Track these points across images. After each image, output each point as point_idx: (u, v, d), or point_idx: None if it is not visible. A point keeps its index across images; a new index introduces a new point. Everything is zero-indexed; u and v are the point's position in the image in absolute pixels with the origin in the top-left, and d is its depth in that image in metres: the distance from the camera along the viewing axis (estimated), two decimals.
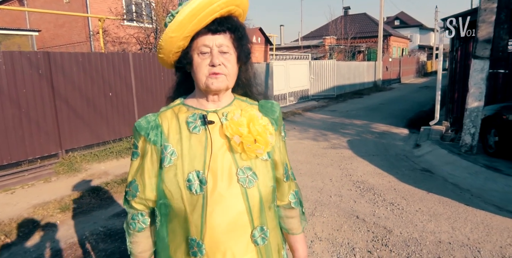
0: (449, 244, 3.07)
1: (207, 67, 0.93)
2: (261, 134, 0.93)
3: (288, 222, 1.13)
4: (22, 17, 19.18)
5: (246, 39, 0.99)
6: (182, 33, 0.90)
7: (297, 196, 1.14)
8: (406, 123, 9.24)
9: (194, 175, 0.92)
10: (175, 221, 0.95)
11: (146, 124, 0.98)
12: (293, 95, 14.03)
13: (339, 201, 4.04)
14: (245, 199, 0.93)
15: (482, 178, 4.69)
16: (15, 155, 5.03)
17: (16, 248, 3.09)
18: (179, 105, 1.03)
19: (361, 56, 26.68)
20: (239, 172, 0.94)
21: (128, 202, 1.03)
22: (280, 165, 1.05)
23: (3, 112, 4.91)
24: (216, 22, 0.93)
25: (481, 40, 5.36)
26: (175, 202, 0.92)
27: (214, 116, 0.98)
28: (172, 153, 0.94)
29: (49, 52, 5.59)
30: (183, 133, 0.96)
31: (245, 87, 1.09)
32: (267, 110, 1.04)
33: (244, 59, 1.00)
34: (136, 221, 1.03)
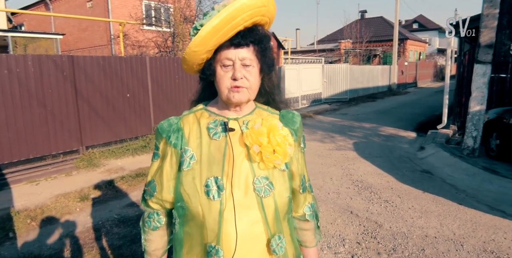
0: (434, 238, 3.28)
1: (229, 80, 0.94)
2: (280, 145, 0.94)
3: (302, 234, 1.13)
4: (47, 21, 20.11)
5: (269, 50, 0.99)
6: (205, 47, 0.91)
7: (313, 208, 1.14)
8: (415, 127, 9.34)
9: (212, 180, 0.93)
10: (192, 224, 0.96)
11: (168, 127, 1.00)
12: (306, 99, 14.25)
13: (336, 198, 4.29)
14: (261, 208, 0.93)
15: (479, 179, 4.83)
16: (40, 150, 5.49)
17: (40, 231, 3.48)
18: (202, 111, 1.04)
19: (376, 60, 26.64)
20: (255, 181, 0.94)
21: (145, 200, 1.05)
22: (297, 176, 1.05)
23: (31, 110, 5.37)
24: (240, 36, 0.92)
25: (483, 45, 5.50)
26: (193, 205, 0.93)
27: (235, 124, 0.99)
28: (192, 157, 0.96)
29: (73, 56, 6.05)
30: (204, 138, 0.97)
31: (267, 95, 1.09)
32: (287, 120, 1.05)
33: (267, 70, 1.00)
34: (151, 220, 1.05)
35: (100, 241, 3.20)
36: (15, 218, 3.71)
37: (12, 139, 5.18)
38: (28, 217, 3.75)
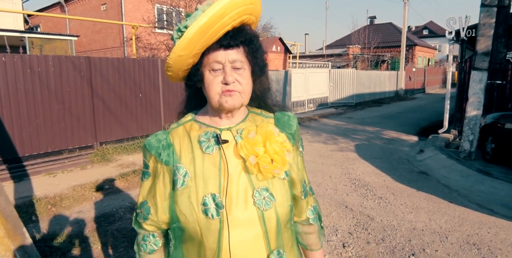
0: (422, 231, 3.53)
1: (220, 85, 0.87)
2: (278, 153, 0.89)
3: (306, 238, 1.09)
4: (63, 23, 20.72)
5: (261, 51, 0.93)
6: (192, 51, 0.84)
7: (316, 211, 1.09)
8: (418, 131, 9.54)
9: (209, 198, 0.87)
10: (189, 245, 0.91)
11: (157, 143, 0.93)
12: (312, 102, 14.52)
13: (333, 194, 4.55)
14: (262, 223, 0.89)
15: (472, 180, 5.06)
16: (58, 144, 5.86)
17: (59, 215, 3.82)
18: (191, 122, 0.98)
19: (385, 65, 26.80)
20: (255, 194, 0.89)
21: (139, 223, 0.98)
22: (298, 182, 1.00)
23: (50, 107, 5.75)
24: (229, 36, 0.86)
25: (479, 53, 5.74)
26: (190, 225, 0.88)
27: (228, 134, 0.93)
28: (185, 174, 0.90)
29: (90, 57, 6.43)
30: (196, 152, 0.91)
31: (259, 99, 1.03)
32: (283, 124, 0.99)
33: (258, 73, 0.94)
34: (147, 243, 0.98)
35: (114, 225, 3.52)
36: (37, 204, 4.05)
37: (32, 133, 5.56)
38: (49, 203, 4.10)
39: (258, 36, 0.95)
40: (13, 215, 2.44)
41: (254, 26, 0.96)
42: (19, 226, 2.46)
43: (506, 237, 3.39)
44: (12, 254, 2.37)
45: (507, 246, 3.22)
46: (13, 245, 2.37)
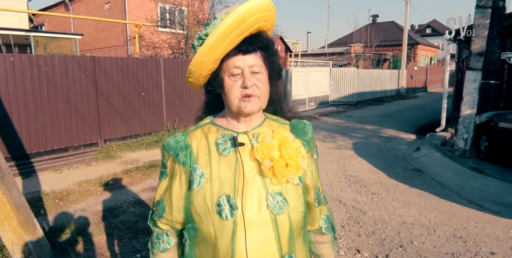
0: (411, 224, 3.70)
1: (239, 89, 0.91)
2: (293, 158, 0.90)
3: (319, 248, 1.10)
4: (67, 21, 20.93)
5: (277, 56, 0.98)
6: (212, 57, 0.89)
7: (329, 220, 1.10)
8: (416, 129, 9.67)
9: (224, 199, 0.89)
10: (203, 246, 0.93)
11: (175, 144, 0.96)
12: (313, 101, 14.66)
13: (328, 189, 4.72)
14: (275, 226, 0.90)
15: (465, 177, 5.21)
16: (64, 141, 6.06)
17: (66, 209, 4.01)
18: (209, 125, 1.01)
19: (387, 64, 26.86)
20: (269, 198, 0.90)
21: (154, 221, 1.02)
22: (311, 189, 1.02)
23: (56, 105, 5.95)
24: (247, 42, 0.91)
25: (474, 53, 5.88)
26: (204, 226, 0.90)
27: (244, 137, 0.96)
28: (202, 175, 0.92)
29: (94, 57, 6.61)
30: (213, 154, 0.94)
31: (275, 104, 1.05)
32: (299, 131, 1.01)
33: (276, 76, 0.98)
34: (161, 241, 1.01)
35: (118, 218, 3.71)
36: (45, 198, 4.25)
37: (39, 130, 5.76)
38: (56, 198, 4.29)
39: (274, 42, 0.98)
40: (25, 206, 2.63)
41: (270, 32, 0.99)
42: (30, 217, 2.65)
43: (492, 231, 3.54)
44: (24, 243, 2.56)
45: (492, 239, 3.37)
46: (26, 234, 2.56)
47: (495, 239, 3.38)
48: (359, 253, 3.12)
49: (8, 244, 2.51)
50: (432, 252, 3.12)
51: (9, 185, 2.54)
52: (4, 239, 2.51)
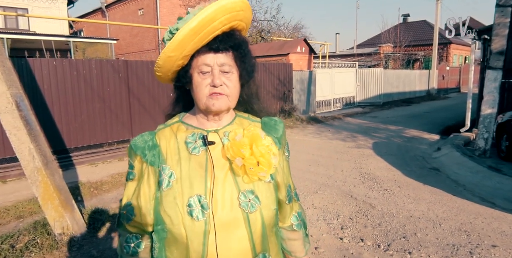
0: (418, 218, 3.84)
1: (208, 87, 0.90)
2: (264, 156, 0.90)
3: (290, 245, 1.10)
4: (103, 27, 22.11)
5: (249, 56, 0.96)
6: (181, 52, 0.87)
7: (300, 217, 1.10)
8: (441, 130, 9.57)
9: (195, 199, 0.88)
10: (174, 247, 0.90)
11: (143, 144, 0.94)
12: (339, 102, 14.73)
13: (342, 185, 4.92)
14: (247, 225, 0.90)
15: (481, 176, 5.23)
16: (99, 138, 6.62)
17: (101, 197, 4.48)
18: (178, 123, 0.99)
19: (417, 64, 26.27)
20: (240, 196, 0.90)
21: (122, 225, 0.98)
22: (282, 186, 1.01)
23: (93, 105, 6.52)
24: (218, 40, 0.89)
25: (494, 52, 5.86)
26: (175, 228, 0.87)
27: (214, 136, 0.94)
28: (171, 175, 0.90)
29: (127, 61, 7.16)
30: (182, 153, 0.92)
31: (245, 104, 1.05)
32: (270, 128, 1.01)
33: (246, 77, 0.97)
34: (130, 244, 0.98)
35: None
36: (81, 187, 4.74)
37: (78, 128, 6.34)
38: (91, 187, 4.78)
39: (247, 42, 0.98)
40: (65, 189, 3.07)
41: (245, 32, 0.98)
42: (69, 198, 3.09)
43: (498, 226, 3.63)
44: (64, 220, 2.99)
45: (496, 233, 3.47)
46: (65, 212, 2.99)
47: (500, 233, 3.47)
48: (362, 241, 3.33)
49: (51, 220, 2.95)
50: (434, 243, 3.28)
51: (52, 170, 2.98)
52: (48, 216, 2.95)
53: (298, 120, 10.83)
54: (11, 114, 2.90)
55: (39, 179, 2.89)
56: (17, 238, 2.97)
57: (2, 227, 3.56)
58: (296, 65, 11.51)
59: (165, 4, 17.39)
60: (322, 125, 10.66)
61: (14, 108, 2.91)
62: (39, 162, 2.89)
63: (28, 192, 4.62)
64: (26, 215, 3.85)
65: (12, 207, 4.08)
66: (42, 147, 3.02)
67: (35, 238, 2.94)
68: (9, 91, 2.91)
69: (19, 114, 2.91)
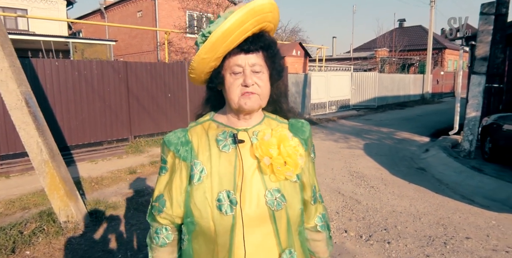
0: (400, 213, 4.10)
1: (240, 87, 0.93)
2: (291, 156, 0.93)
3: (314, 245, 1.12)
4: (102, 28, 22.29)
5: (278, 56, 0.99)
6: (214, 54, 0.90)
7: (324, 219, 1.13)
8: (432, 133, 9.86)
9: (224, 194, 0.91)
10: (202, 240, 0.94)
11: (176, 140, 0.98)
12: (334, 104, 15.02)
13: (331, 182, 5.18)
14: (273, 222, 0.93)
15: (464, 175, 5.50)
16: (99, 136, 6.84)
17: (101, 191, 4.71)
18: (209, 122, 1.02)
19: (413, 68, 26.65)
20: (267, 194, 0.93)
21: (153, 216, 1.02)
22: (308, 187, 1.04)
23: (93, 104, 6.74)
24: (249, 41, 0.92)
25: (478, 58, 6.15)
26: (204, 221, 0.91)
27: (244, 135, 0.98)
28: (202, 170, 0.94)
29: (127, 62, 7.39)
30: (213, 150, 0.95)
31: (275, 103, 1.07)
32: (297, 130, 1.04)
33: (276, 77, 1.00)
34: (160, 235, 1.01)
35: (143, 198, 4.35)
36: (83, 182, 4.97)
37: (78, 126, 6.56)
38: (92, 182, 5.01)
39: (276, 42, 1.01)
40: (70, 180, 3.30)
41: (273, 33, 1.01)
42: (73, 189, 3.32)
43: (474, 221, 3.89)
44: (68, 209, 3.22)
45: (472, 227, 3.72)
46: (70, 202, 3.22)
47: (475, 227, 3.73)
48: (346, 232, 3.58)
49: (56, 209, 3.17)
50: (412, 234, 3.53)
51: (58, 163, 3.21)
52: (53, 205, 3.17)
53: None
54: (21, 110, 3.13)
55: (46, 170, 3.12)
56: (25, 225, 3.19)
57: (9, 217, 3.78)
58: (291, 68, 11.80)
59: (164, 7, 17.63)
60: (316, 127, 10.92)
61: (24, 105, 3.14)
62: (46, 155, 3.12)
63: (31, 186, 4.85)
64: (31, 206, 4.07)
65: (17, 200, 4.29)
66: (49, 141, 3.25)
67: (41, 225, 3.16)
68: (19, 89, 3.14)
69: (28, 111, 3.14)
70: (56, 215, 3.21)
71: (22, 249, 2.93)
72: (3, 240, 2.95)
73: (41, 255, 2.90)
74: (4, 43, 3.10)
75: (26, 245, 2.97)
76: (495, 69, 6.03)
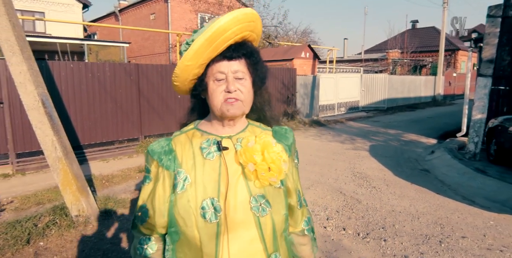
0: (399, 212, 4.19)
1: (223, 93, 0.94)
2: (275, 162, 0.94)
3: (300, 250, 1.13)
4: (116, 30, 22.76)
5: (261, 64, 1.01)
6: (197, 61, 0.92)
7: (309, 222, 1.15)
8: (440, 135, 9.84)
9: (208, 202, 0.91)
10: (187, 249, 0.94)
11: (160, 149, 0.98)
12: (343, 106, 15.06)
13: (333, 182, 5.29)
14: (258, 227, 0.94)
15: (467, 177, 5.54)
16: (110, 136, 7.09)
17: (112, 188, 4.92)
18: (193, 130, 1.03)
19: (425, 70, 26.42)
20: (252, 200, 0.94)
21: (136, 226, 1.02)
22: (293, 192, 1.06)
23: (105, 105, 7.00)
24: (231, 49, 0.94)
25: (485, 60, 6.18)
26: (188, 229, 0.91)
27: (228, 142, 0.98)
28: (186, 178, 0.94)
29: (138, 64, 7.64)
30: (197, 158, 0.96)
31: (258, 111, 1.09)
32: (281, 136, 1.06)
33: (259, 84, 1.02)
34: (143, 246, 1.01)
35: None
36: (94, 180, 5.19)
37: (91, 126, 6.82)
38: (103, 179, 5.23)
39: (259, 51, 1.03)
40: (81, 177, 3.50)
41: (256, 43, 1.04)
42: (85, 185, 3.53)
43: (473, 221, 3.95)
44: (80, 203, 3.43)
45: (469, 227, 3.79)
46: (81, 197, 3.42)
47: (473, 227, 3.80)
48: (344, 230, 3.69)
49: (69, 204, 3.38)
50: (409, 233, 3.62)
51: (71, 160, 3.42)
52: (66, 200, 3.38)
53: (301, 123, 11.20)
54: (38, 110, 3.35)
55: (59, 167, 3.33)
56: (39, 218, 3.41)
57: (24, 211, 4.02)
58: (300, 70, 11.91)
59: (176, 9, 17.96)
60: (324, 128, 11.01)
61: (40, 106, 3.35)
62: (60, 152, 3.33)
63: (45, 183, 5.09)
64: (45, 201, 4.30)
65: (32, 195, 4.53)
66: (63, 139, 3.46)
67: (54, 219, 3.37)
68: (36, 90, 3.36)
69: (44, 111, 3.36)
70: (68, 209, 3.42)
71: (36, 240, 3.15)
72: (19, 231, 3.17)
73: (54, 246, 3.11)
74: (24, 48, 3.32)
75: (40, 237, 3.19)
76: (501, 71, 6.05)
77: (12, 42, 3.22)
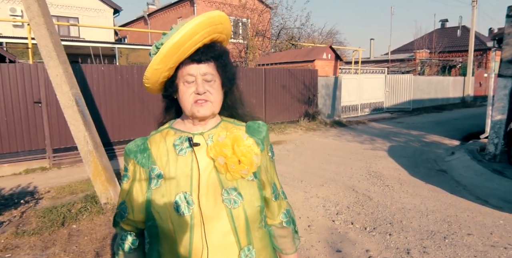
0: (409, 210, 4.30)
1: (193, 95, 0.97)
2: (246, 155, 0.96)
3: (281, 242, 1.16)
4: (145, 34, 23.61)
5: (230, 65, 1.03)
6: (167, 65, 0.95)
7: (289, 214, 1.16)
8: (463, 136, 9.69)
9: (181, 196, 0.95)
10: (164, 243, 0.98)
11: (136, 148, 1.04)
12: (367, 107, 15.01)
13: (347, 180, 5.44)
14: (231, 220, 0.97)
15: (483, 178, 5.53)
16: (138, 134, 7.53)
17: None
18: (167, 129, 1.07)
19: (455, 70, 25.68)
20: (223, 193, 0.97)
21: (117, 223, 1.06)
22: (267, 184, 1.08)
23: (134, 105, 7.45)
24: (200, 52, 0.97)
25: (504, 61, 6.13)
26: (164, 223, 0.95)
27: (200, 138, 1.02)
28: (159, 174, 0.98)
29: None
30: (170, 155, 1.00)
31: (230, 109, 1.12)
32: (253, 131, 1.08)
33: (228, 84, 1.05)
34: (125, 242, 1.05)
35: None
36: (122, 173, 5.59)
37: (120, 124, 7.29)
38: None
39: (228, 52, 1.06)
40: (110, 168, 3.87)
41: (226, 43, 1.07)
42: (113, 176, 3.89)
43: (482, 220, 4.01)
44: (108, 192, 3.79)
45: (477, 225, 3.86)
46: (109, 186, 3.79)
47: (481, 226, 3.86)
48: (351, 224, 3.86)
49: (98, 192, 3.75)
50: (415, 229, 3.75)
51: (101, 153, 3.80)
52: (96, 189, 3.76)
53: (322, 123, 11.32)
54: (72, 109, 3.75)
55: (90, 159, 3.71)
56: (72, 205, 3.81)
57: (60, 199, 4.45)
58: (321, 71, 12.02)
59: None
60: (344, 129, 11.08)
61: (74, 105, 3.75)
62: (91, 146, 3.72)
63: (79, 176, 5.56)
64: (78, 191, 4.73)
65: (67, 186, 4.99)
66: (94, 135, 3.85)
67: (86, 205, 3.76)
68: (71, 91, 3.76)
69: (77, 109, 3.75)
70: (98, 197, 3.79)
71: (70, 223, 3.54)
72: (55, 215, 3.58)
73: (85, 228, 3.49)
74: (60, 53, 3.73)
75: (73, 220, 3.58)
76: None
77: (50, 48, 3.64)
